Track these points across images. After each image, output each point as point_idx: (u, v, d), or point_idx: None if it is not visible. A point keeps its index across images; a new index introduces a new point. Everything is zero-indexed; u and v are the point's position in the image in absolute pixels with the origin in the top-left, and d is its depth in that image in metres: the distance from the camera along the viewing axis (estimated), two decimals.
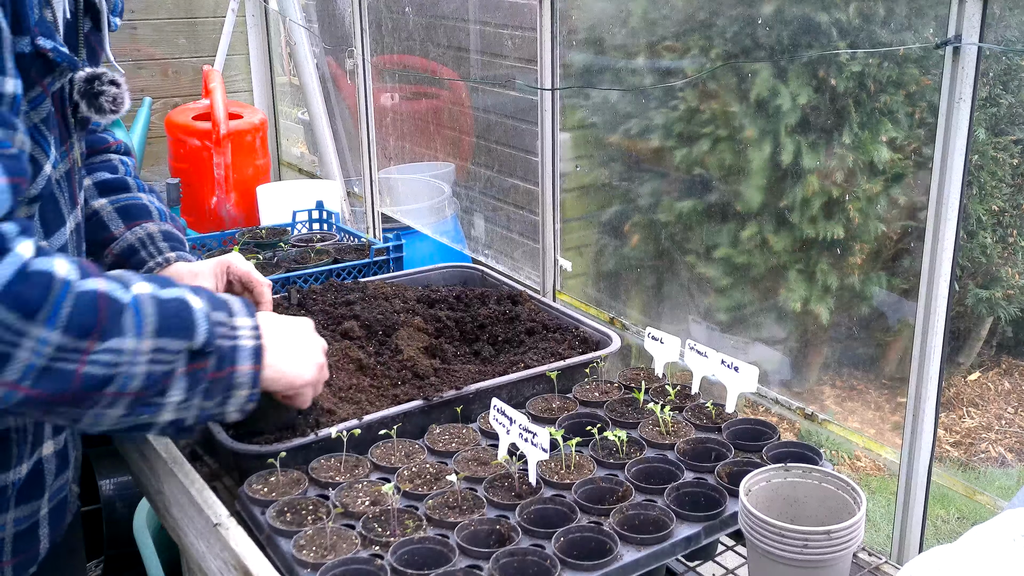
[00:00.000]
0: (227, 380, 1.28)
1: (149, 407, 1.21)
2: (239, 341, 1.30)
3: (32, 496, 1.32)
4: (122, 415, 1.19)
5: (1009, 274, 3.66)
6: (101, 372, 1.13)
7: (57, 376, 1.10)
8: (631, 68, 3.15)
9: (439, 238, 3.59)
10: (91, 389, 1.13)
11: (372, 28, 3.54)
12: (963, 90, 1.58)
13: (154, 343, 1.18)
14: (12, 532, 1.31)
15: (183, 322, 1.22)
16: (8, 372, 1.06)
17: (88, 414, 1.16)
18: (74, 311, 1.10)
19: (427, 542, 1.31)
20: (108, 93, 1.32)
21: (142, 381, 1.17)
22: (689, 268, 3.29)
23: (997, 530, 1.13)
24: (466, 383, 1.70)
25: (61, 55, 1.21)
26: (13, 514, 1.30)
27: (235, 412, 1.33)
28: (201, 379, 1.25)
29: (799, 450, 1.55)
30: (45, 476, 1.34)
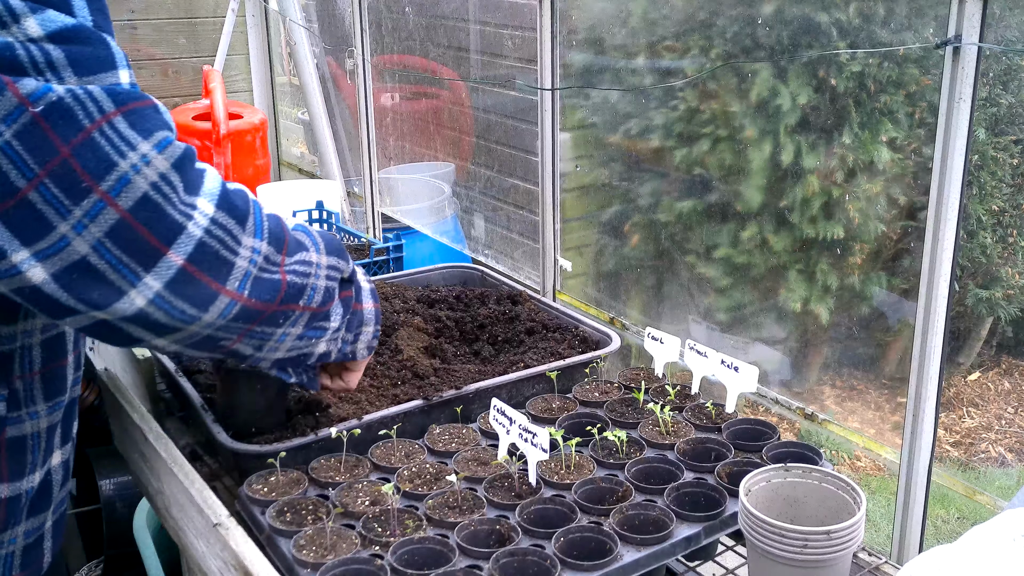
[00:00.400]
0: (360, 314, 1.42)
1: (316, 331, 1.32)
2: (358, 281, 1.42)
3: (41, 508, 1.31)
4: (297, 336, 1.29)
5: (1009, 274, 3.66)
6: (299, 281, 1.24)
7: (267, 285, 1.18)
8: (631, 68, 3.15)
9: (439, 238, 3.58)
10: (290, 300, 1.23)
11: (372, 28, 3.53)
12: (963, 90, 1.58)
13: (328, 260, 1.30)
14: (22, 545, 1.30)
15: (339, 248, 1.35)
16: (231, 279, 1.13)
17: (277, 334, 1.25)
18: (271, 224, 1.19)
19: (427, 542, 1.31)
20: None
21: (322, 295, 1.29)
22: (689, 268, 3.29)
23: (997, 530, 1.13)
24: (466, 383, 1.70)
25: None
26: (24, 526, 1.29)
27: (364, 348, 1.45)
28: (348, 307, 1.37)
29: (799, 450, 1.55)
30: (52, 487, 1.33)
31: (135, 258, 1.04)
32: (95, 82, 1.03)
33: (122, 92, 1.04)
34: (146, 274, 1.05)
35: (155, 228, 1.05)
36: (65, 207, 1.00)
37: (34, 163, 0.98)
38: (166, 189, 1.05)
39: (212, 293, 1.11)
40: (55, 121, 0.99)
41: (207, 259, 1.09)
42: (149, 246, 1.05)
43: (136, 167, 1.03)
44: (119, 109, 1.03)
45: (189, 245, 1.07)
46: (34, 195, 0.99)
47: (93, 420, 2.09)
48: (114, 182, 1.02)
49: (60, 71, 1.00)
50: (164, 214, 1.05)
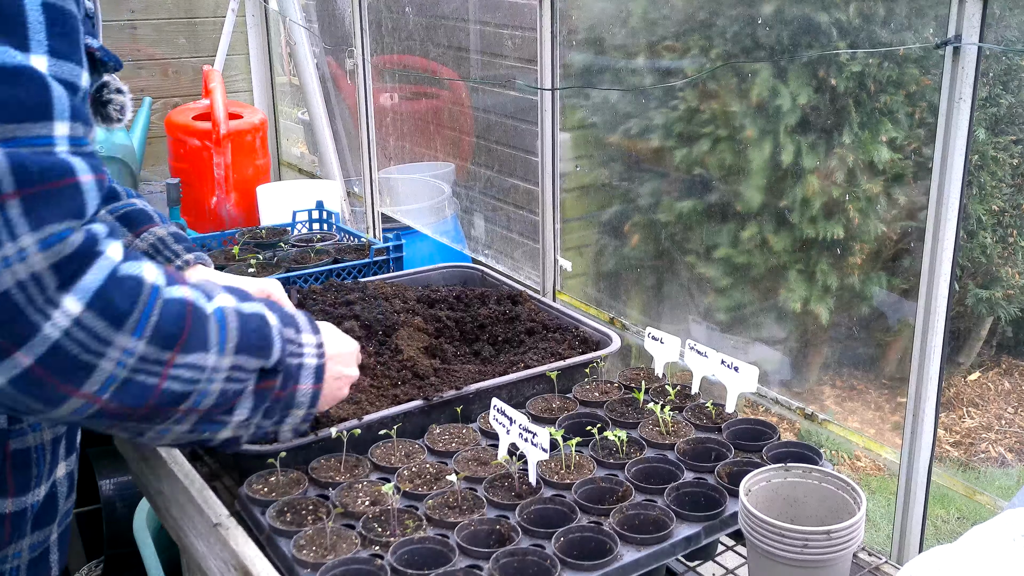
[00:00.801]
0: (288, 399, 1.27)
1: (213, 424, 1.19)
2: (304, 358, 1.28)
3: (46, 521, 1.30)
4: (186, 431, 1.17)
5: (1009, 274, 3.66)
6: (180, 388, 1.10)
7: (137, 389, 1.06)
8: (631, 68, 3.15)
9: (439, 238, 3.58)
10: (167, 405, 1.10)
11: (372, 28, 3.53)
12: (963, 90, 1.58)
13: (234, 360, 1.16)
14: (28, 559, 1.28)
15: (262, 340, 1.20)
16: (89, 384, 1.02)
17: (154, 429, 1.14)
18: (161, 320, 1.06)
19: (427, 542, 1.31)
20: (116, 102, 1.30)
21: (215, 399, 1.16)
22: (689, 268, 3.29)
23: (997, 530, 1.13)
24: (466, 383, 1.70)
25: (109, 55, 1.19)
26: (29, 540, 1.28)
27: (288, 432, 1.32)
28: (266, 398, 1.24)
29: (799, 450, 1.55)
30: (58, 499, 1.32)
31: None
32: (19, 133, 0.95)
33: (33, 170, 0.96)
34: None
35: (7, 327, 0.97)
36: None
37: None
38: (32, 290, 0.97)
39: (62, 395, 1.02)
40: None
41: (61, 362, 1.00)
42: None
43: (7, 260, 0.95)
44: (19, 191, 0.94)
45: (42, 347, 0.98)
46: None
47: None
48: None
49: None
50: (20, 314, 0.96)
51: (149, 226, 1.63)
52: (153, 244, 1.61)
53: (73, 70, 1.03)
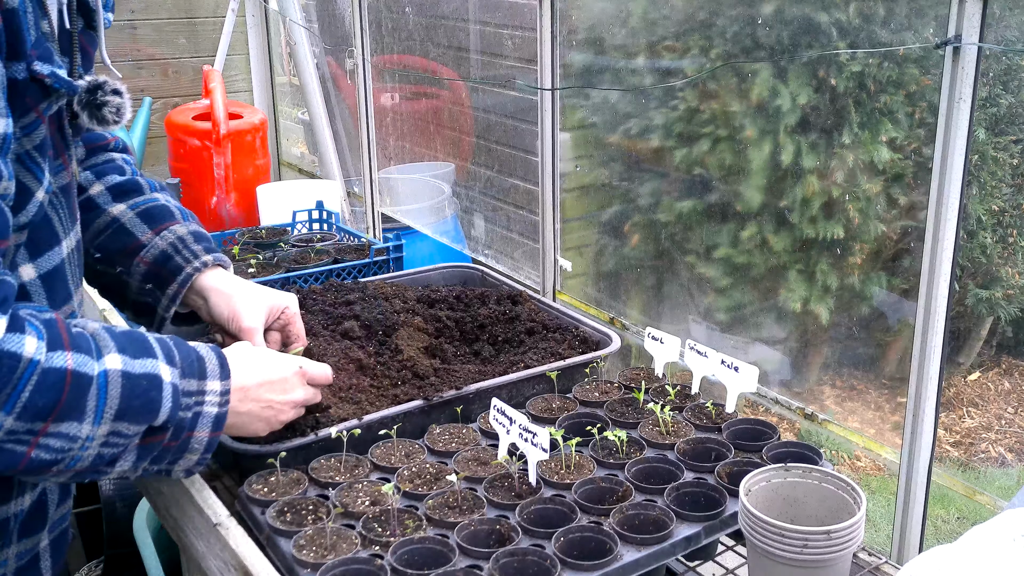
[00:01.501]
0: (180, 446, 1.26)
1: (95, 474, 1.19)
2: (204, 407, 1.26)
3: (34, 528, 1.29)
4: (66, 479, 1.18)
5: (1009, 274, 3.66)
6: (49, 456, 1.11)
7: (5, 457, 1.08)
8: (631, 68, 3.15)
9: (439, 238, 3.59)
10: (36, 469, 1.11)
11: (372, 28, 3.54)
12: (963, 90, 1.58)
13: (112, 427, 1.14)
14: (14, 567, 1.28)
15: (148, 403, 1.18)
16: None
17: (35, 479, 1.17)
18: (34, 393, 1.06)
19: (427, 542, 1.31)
20: (111, 104, 1.26)
21: (90, 462, 1.16)
22: (689, 268, 3.29)
23: (997, 530, 1.13)
24: (466, 383, 1.70)
25: (60, 81, 1.15)
26: (15, 548, 1.27)
27: (181, 472, 1.30)
28: (153, 449, 1.22)
29: (799, 450, 1.55)
30: (47, 507, 1.31)
31: None
32: None
33: None
34: None
35: None
36: None
37: None
38: None
39: None
40: None
41: None
42: None
43: None
44: None
45: None
46: None
47: None
48: None
49: None
50: None
51: (170, 223, 1.58)
52: (172, 243, 1.56)
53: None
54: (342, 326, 1.89)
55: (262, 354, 1.43)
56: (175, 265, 1.55)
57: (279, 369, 1.41)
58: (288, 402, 1.42)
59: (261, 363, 1.40)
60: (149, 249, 1.55)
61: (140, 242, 1.55)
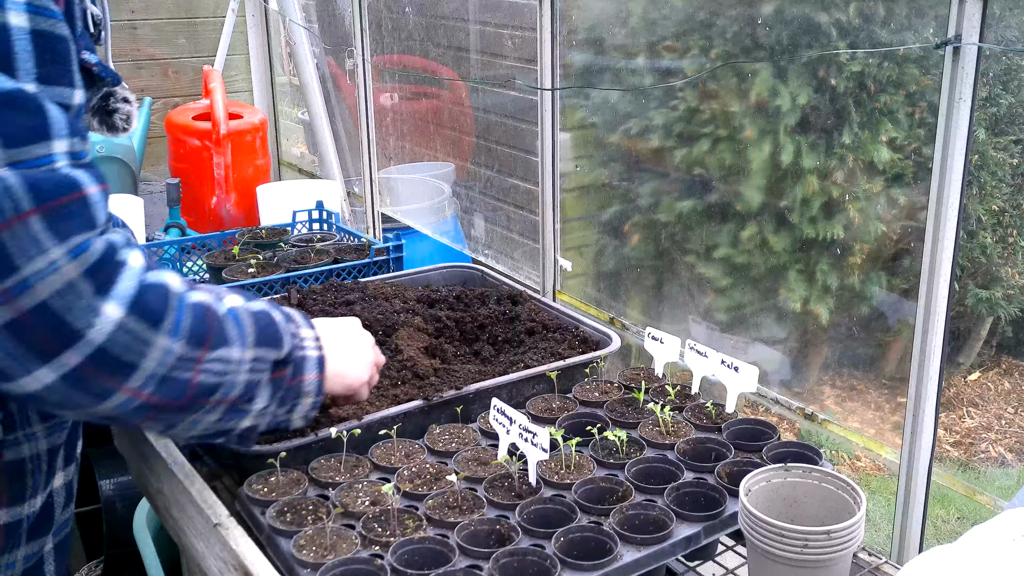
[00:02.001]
0: (297, 388, 1.35)
1: (238, 413, 1.27)
2: (306, 351, 1.36)
3: (41, 531, 1.30)
4: (214, 421, 1.25)
5: (1009, 274, 3.66)
6: (212, 380, 1.19)
7: (175, 384, 1.14)
8: (631, 68, 3.15)
9: (439, 238, 3.58)
10: (201, 396, 1.18)
11: (372, 28, 3.53)
12: (963, 90, 1.58)
13: (254, 353, 1.25)
14: (21, 570, 1.28)
15: (274, 333, 1.29)
16: (133, 380, 1.10)
17: (187, 420, 1.21)
18: (192, 320, 1.15)
19: (427, 542, 1.31)
20: (122, 111, 1.33)
21: (241, 389, 1.24)
22: (689, 268, 3.29)
23: (997, 530, 1.13)
24: (466, 383, 1.70)
25: (106, 70, 1.21)
26: (23, 551, 1.27)
27: (300, 419, 1.40)
28: (280, 386, 1.31)
29: (799, 450, 1.55)
30: (54, 509, 1.32)
31: (31, 352, 1.03)
32: (23, 156, 0.99)
33: (46, 187, 1.00)
34: (42, 367, 1.04)
35: (53, 332, 1.03)
36: None
37: None
38: (70, 297, 1.02)
39: (109, 390, 1.09)
40: None
41: (108, 362, 1.07)
42: (47, 346, 1.03)
43: (41, 274, 1.00)
44: (37, 208, 0.99)
45: (88, 348, 1.05)
46: None
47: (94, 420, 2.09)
48: (13, 285, 0.99)
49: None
50: (63, 322, 1.03)
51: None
52: None
53: (63, 92, 1.07)
54: None
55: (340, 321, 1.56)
56: None
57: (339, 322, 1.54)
58: (365, 340, 1.54)
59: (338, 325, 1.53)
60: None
61: None
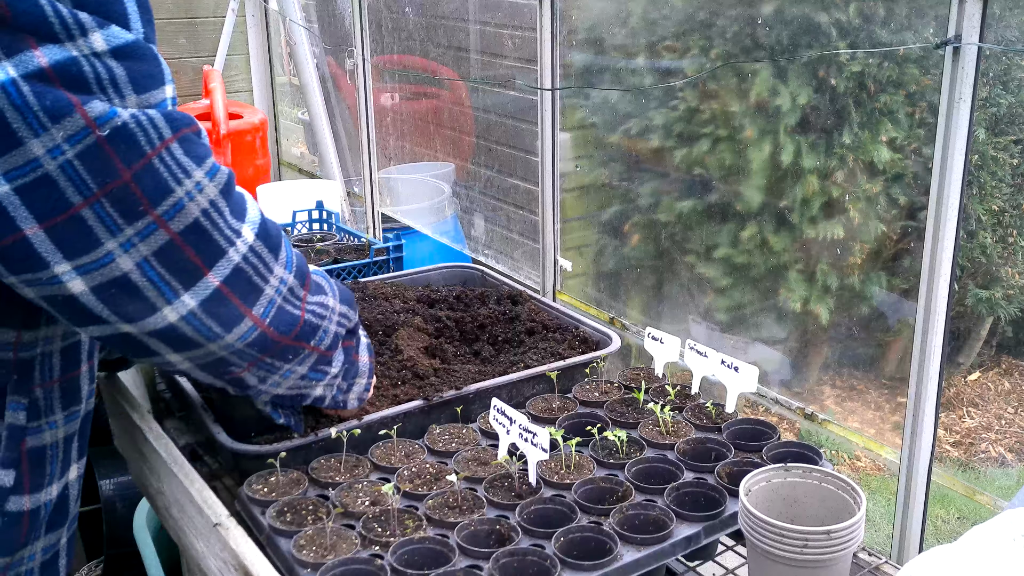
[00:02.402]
0: (357, 366, 1.46)
1: (319, 373, 1.36)
2: (361, 335, 1.47)
3: (58, 523, 1.31)
4: (299, 378, 1.33)
5: (1009, 274, 3.65)
6: (314, 321, 1.28)
7: (287, 316, 1.23)
8: (631, 68, 3.15)
9: (439, 238, 3.58)
10: (303, 337, 1.27)
11: (372, 28, 3.53)
12: (963, 90, 1.58)
13: (341, 308, 1.35)
14: (40, 561, 1.29)
15: (349, 298, 1.40)
16: (257, 305, 1.18)
17: (282, 368, 1.29)
18: (298, 259, 1.25)
19: (427, 542, 1.31)
20: None
21: (331, 340, 1.33)
22: (689, 268, 3.29)
23: (997, 530, 1.13)
24: (466, 383, 1.70)
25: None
26: (43, 542, 1.28)
27: (355, 400, 1.49)
28: (349, 356, 1.42)
29: (799, 450, 1.55)
30: (69, 502, 1.33)
31: (177, 277, 1.10)
32: (150, 100, 1.07)
33: (176, 118, 1.08)
34: (184, 292, 1.11)
35: (201, 251, 1.11)
36: (117, 226, 1.04)
37: (93, 183, 1.01)
38: (214, 215, 1.11)
39: (239, 315, 1.16)
40: (118, 145, 1.02)
41: (240, 283, 1.15)
42: (192, 266, 1.10)
43: (190, 194, 1.08)
44: (175, 135, 1.07)
45: (227, 268, 1.13)
46: (87, 212, 1.02)
47: (93, 420, 2.09)
48: (169, 207, 1.07)
49: (122, 89, 1.03)
50: (210, 239, 1.11)
51: None
52: None
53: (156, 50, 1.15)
54: None
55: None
56: None
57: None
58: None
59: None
60: None
61: None
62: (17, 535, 1.22)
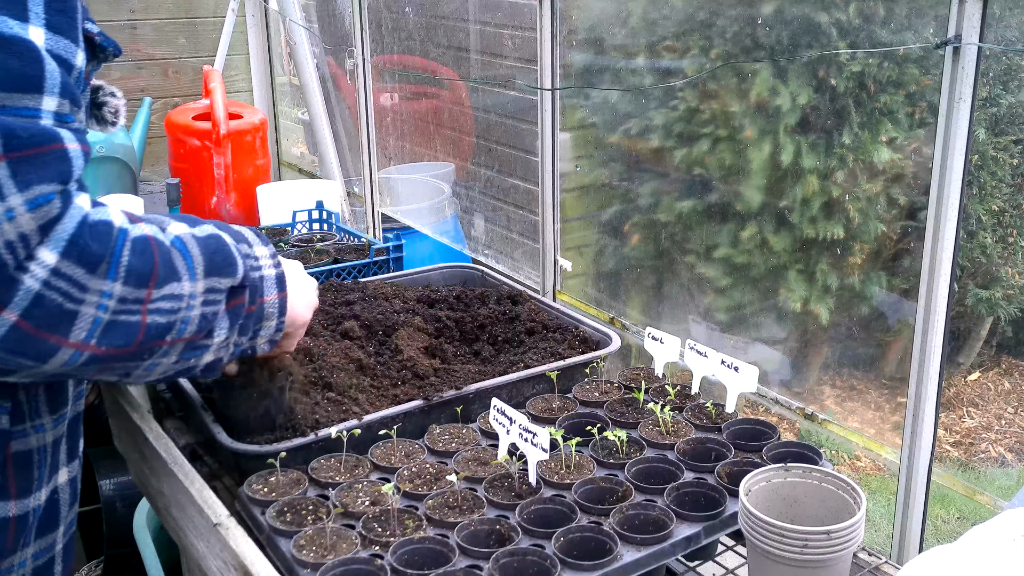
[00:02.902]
0: (259, 312, 1.31)
1: (197, 350, 1.22)
2: (263, 270, 1.32)
3: (50, 528, 1.30)
4: (173, 363, 1.20)
5: (1009, 274, 3.66)
6: (163, 320, 1.13)
7: (122, 329, 1.09)
8: (631, 68, 3.15)
9: (439, 238, 3.59)
10: (153, 339, 1.13)
11: (372, 28, 3.53)
12: (963, 90, 1.58)
13: (206, 283, 1.19)
14: (32, 567, 1.28)
15: (226, 259, 1.23)
16: (75, 332, 1.05)
17: (143, 366, 1.17)
18: (132, 259, 1.09)
19: (427, 542, 1.31)
20: (111, 104, 1.32)
21: (197, 324, 1.19)
22: (689, 268, 3.29)
23: (997, 530, 1.13)
24: (466, 383, 1.70)
25: (108, 40, 1.20)
26: (33, 548, 1.27)
27: (265, 343, 1.35)
28: (240, 314, 1.27)
29: (799, 450, 1.55)
30: (60, 506, 1.32)
31: None
32: (7, 102, 0.98)
33: (20, 136, 0.99)
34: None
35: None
36: None
37: None
38: (18, 248, 0.99)
39: (53, 346, 1.05)
40: None
41: (46, 314, 1.03)
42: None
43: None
44: (7, 155, 0.97)
45: (25, 300, 1.00)
46: None
47: (93, 420, 2.09)
48: None
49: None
50: (3, 271, 0.99)
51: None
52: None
53: (69, 47, 1.06)
54: (342, 326, 1.89)
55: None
56: None
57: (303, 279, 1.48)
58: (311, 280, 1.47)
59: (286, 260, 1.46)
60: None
61: None
62: (3, 541, 1.21)
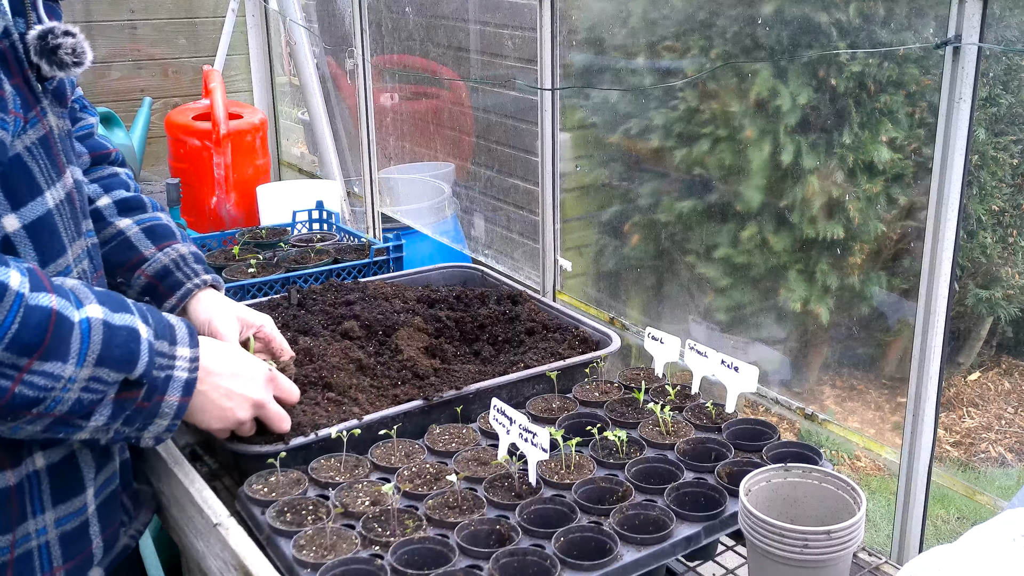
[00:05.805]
0: (152, 409, 1.27)
1: (68, 427, 1.20)
2: (175, 371, 1.28)
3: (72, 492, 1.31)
4: (40, 431, 1.18)
5: (1009, 274, 3.66)
6: (32, 393, 1.12)
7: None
8: (631, 68, 3.15)
9: (439, 238, 3.59)
10: (19, 407, 1.12)
11: (372, 28, 3.54)
12: (963, 90, 1.58)
13: (93, 372, 1.16)
14: (57, 534, 1.29)
15: (127, 354, 1.20)
16: None
17: (7, 426, 1.15)
18: (22, 327, 1.08)
19: (427, 542, 1.31)
20: (65, 45, 1.24)
21: (70, 406, 1.17)
22: (689, 268, 3.29)
23: (997, 530, 1.13)
24: (466, 383, 1.70)
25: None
26: (52, 514, 1.29)
27: (151, 439, 1.30)
28: (127, 407, 1.23)
29: (799, 450, 1.55)
30: (81, 469, 1.32)
31: None
32: None
33: None
34: None
35: None
36: None
37: None
38: None
39: None
40: None
41: None
42: None
43: None
44: None
45: None
46: None
47: None
48: None
49: None
50: None
51: (172, 242, 1.66)
52: (175, 260, 1.63)
53: None
54: (342, 326, 1.89)
55: (234, 349, 1.47)
56: (175, 280, 1.62)
57: (248, 364, 1.44)
58: (247, 398, 1.42)
59: (231, 354, 1.43)
60: (151, 263, 1.62)
61: (143, 256, 1.62)
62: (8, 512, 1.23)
